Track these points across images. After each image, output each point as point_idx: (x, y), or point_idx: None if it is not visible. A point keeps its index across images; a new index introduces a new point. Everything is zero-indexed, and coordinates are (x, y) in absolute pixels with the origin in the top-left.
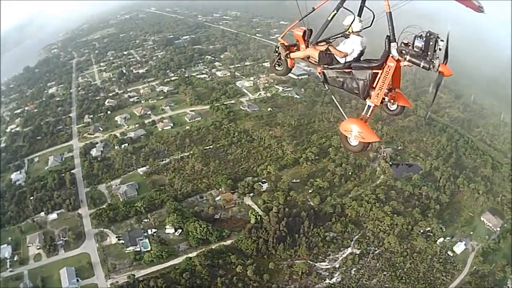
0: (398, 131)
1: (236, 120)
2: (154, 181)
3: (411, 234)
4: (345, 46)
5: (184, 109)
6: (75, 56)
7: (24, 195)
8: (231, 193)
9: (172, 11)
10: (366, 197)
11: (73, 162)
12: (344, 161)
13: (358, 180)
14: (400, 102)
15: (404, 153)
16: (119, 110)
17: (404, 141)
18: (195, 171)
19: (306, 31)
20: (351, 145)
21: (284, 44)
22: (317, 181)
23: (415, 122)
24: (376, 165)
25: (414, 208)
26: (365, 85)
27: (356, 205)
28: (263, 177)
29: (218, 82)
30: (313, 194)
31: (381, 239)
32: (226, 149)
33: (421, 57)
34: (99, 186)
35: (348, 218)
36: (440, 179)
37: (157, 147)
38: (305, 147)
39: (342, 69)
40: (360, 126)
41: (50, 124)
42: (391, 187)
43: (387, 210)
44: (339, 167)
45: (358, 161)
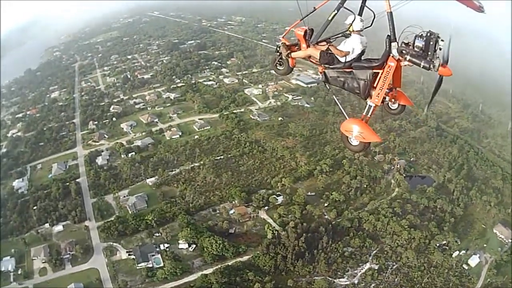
0: (410, 142)
1: (247, 129)
2: (164, 193)
3: (428, 248)
4: (346, 46)
5: (192, 117)
6: (77, 60)
7: (27, 204)
8: (245, 206)
9: (176, 15)
10: (383, 211)
11: (78, 171)
12: (359, 173)
13: (373, 193)
14: (401, 102)
15: (417, 164)
16: (124, 117)
17: (416, 153)
18: (207, 183)
19: (307, 30)
20: (352, 145)
21: (285, 43)
22: (333, 194)
23: (427, 133)
24: (391, 178)
25: (430, 221)
26: (366, 85)
27: (373, 219)
28: (278, 189)
29: (226, 89)
30: (329, 208)
31: (399, 253)
32: (238, 160)
33: (421, 57)
34: (106, 196)
35: (366, 232)
36: (453, 192)
37: (166, 156)
38: (318, 159)
39: (343, 69)
40: (361, 126)
41: (53, 129)
42: (407, 200)
43: (404, 224)
44: (354, 180)
45: (373, 173)
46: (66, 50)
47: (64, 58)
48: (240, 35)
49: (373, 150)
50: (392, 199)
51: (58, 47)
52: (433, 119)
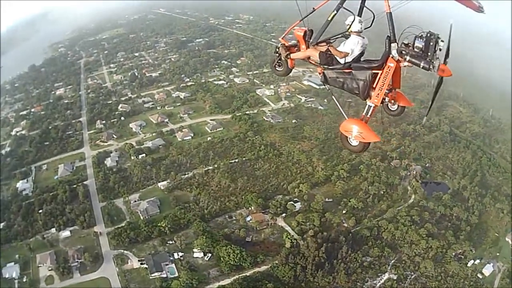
0: (425, 147)
1: (261, 132)
2: (177, 198)
3: (445, 258)
4: (345, 47)
5: (204, 117)
6: (83, 56)
7: (31, 207)
8: (262, 213)
9: (182, 13)
10: (401, 219)
11: (86, 172)
12: (377, 179)
13: (390, 200)
14: (400, 103)
15: (432, 170)
16: (133, 116)
17: (431, 158)
18: (222, 188)
19: (306, 31)
20: (352, 145)
21: (285, 44)
22: (351, 201)
23: (440, 138)
24: (407, 184)
25: (447, 229)
26: (365, 86)
27: (392, 228)
28: (294, 195)
29: (237, 89)
30: (347, 215)
31: (417, 263)
32: (253, 164)
33: (421, 57)
34: (116, 200)
35: (384, 241)
36: (468, 199)
37: (179, 159)
38: (335, 163)
39: (342, 70)
40: (360, 126)
41: (59, 128)
42: (424, 207)
43: (422, 233)
44: (372, 186)
45: (390, 179)
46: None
47: (69, 54)
48: (249, 34)
49: (389, 155)
50: (409, 206)
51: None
52: (446, 124)
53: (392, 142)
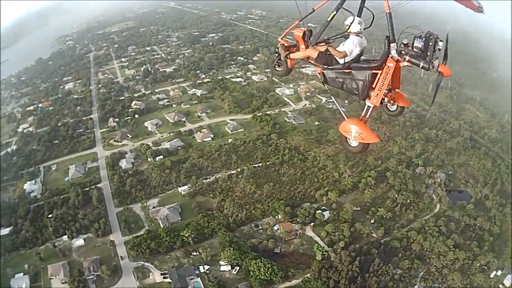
0: (447, 153)
1: (283, 134)
2: (200, 204)
3: (470, 269)
4: (344, 47)
5: (223, 117)
6: (92, 50)
7: (40, 211)
8: (290, 222)
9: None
10: (429, 230)
11: (99, 175)
12: (403, 187)
13: (417, 209)
14: (399, 103)
15: (454, 178)
16: (148, 114)
17: (453, 165)
18: (246, 194)
19: (306, 31)
20: (351, 146)
21: (284, 44)
22: (380, 211)
23: (461, 144)
24: (432, 192)
25: (472, 240)
26: (364, 86)
27: (421, 239)
28: (322, 203)
29: (256, 88)
30: (376, 225)
31: (445, 275)
32: (278, 169)
33: (420, 57)
34: (133, 206)
35: (413, 252)
36: (490, 209)
37: (200, 162)
38: (361, 170)
39: (341, 70)
40: (360, 127)
41: (69, 126)
42: (449, 217)
43: (449, 243)
44: (400, 195)
45: (416, 187)
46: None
47: (78, 47)
48: (263, 30)
49: (414, 162)
50: (435, 215)
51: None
52: (466, 129)
53: (416, 148)
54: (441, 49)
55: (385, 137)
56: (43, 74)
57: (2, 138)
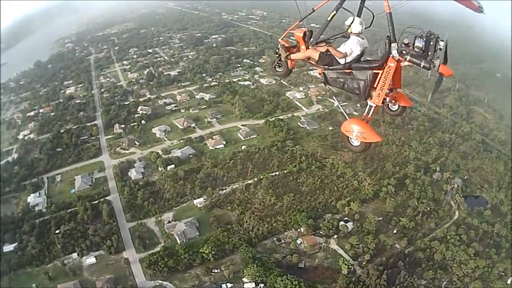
0: (462, 157)
1: (298, 139)
2: (218, 217)
3: (490, 276)
4: (344, 47)
5: (234, 122)
6: (92, 52)
7: (47, 226)
8: (313, 234)
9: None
10: (451, 239)
11: (107, 186)
12: (423, 195)
13: (437, 217)
14: (401, 102)
15: (470, 183)
16: (155, 120)
17: (468, 170)
18: (266, 205)
19: (306, 32)
20: (353, 145)
21: (284, 45)
22: (402, 220)
23: (474, 148)
24: (450, 199)
25: (490, 247)
26: (365, 86)
27: (443, 248)
28: (344, 214)
29: (266, 91)
30: (398, 235)
31: (466, 284)
32: (296, 177)
33: (421, 57)
34: (146, 220)
35: (436, 262)
36: (506, 214)
37: (215, 172)
38: (379, 177)
39: (342, 70)
40: (362, 126)
41: (72, 133)
42: (468, 225)
43: (469, 252)
44: (420, 203)
45: (436, 195)
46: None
47: (77, 50)
48: (266, 30)
49: (431, 168)
50: (455, 223)
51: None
52: (477, 133)
53: (431, 153)
54: (441, 49)
55: (400, 142)
56: (43, 78)
57: (2, 146)
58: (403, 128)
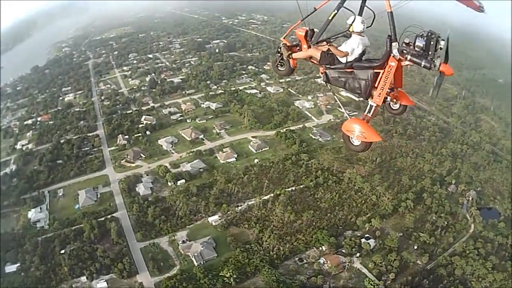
0: (474, 168)
1: (311, 152)
2: (235, 236)
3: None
4: (346, 46)
5: (243, 134)
6: (90, 57)
7: (51, 245)
8: (335, 253)
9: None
10: (470, 253)
11: (114, 202)
12: (441, 209)
13: (454, 231)
14: (402, 102)
15: (483, 194)
16: (160, 131)
17: (480, 181)
18: (284, 223)
19: (308, 31)
20: (354, 145)
21: (286, 44)
22: (423, 236)
23: (484, 158)
24: (465, 211)
25: (505, 259)
26: (367, 85)
27: (463, 264)
28: (365, 230)
29: (275, 100)
30: (419, 251)
31: None
32: (313, 193)
33: (422, 56)
34: (158, 240)
35: (457, 278)
36: None
37: (228, 187)
38: (396, 191)
39: (343, 69)
40: (362, 126)
41: (73, 143)
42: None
43: (488, 266)
44: (439, 217)
45: (453, 208)
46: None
47: (75, 54)
48: (268, 36)
49: (446, 181)
50: (471, 236)
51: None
52: (487, 142)
53: (445, 165)
54: (442, 48)
55: (413, 153)
56: (40, 83)
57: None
58: (415, 139)
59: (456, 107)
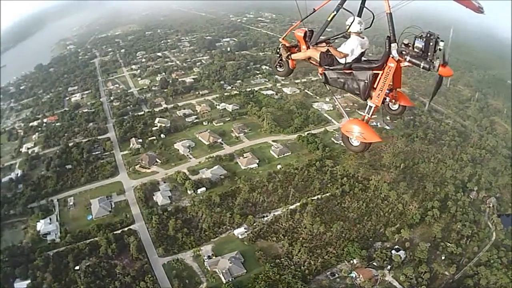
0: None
1: (334, 157)
2: (263, 250)
3: None
4: (345, 47)
5: (263, 137)
6: (97, 55)
7: (63, 260)
8: (367, 266)
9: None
10: (494, 263)
11: (130, 213)
12: (465, 217)
13: (478, 239)
14: (401, 102)
15: (502, 201)
16: (175, 134)
17: (499, 186)
18: (314, 235)
19: (307, 32)
20: (353, 146)
21: (285, 45)
22: (450, 246)
23: (501, 163)
24: (487, 219)
25: None
26: (366, 86)
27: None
28: (394, 241)
29: (293, 103)
30: (446, 261)
31: None
32: (340, 202)
33: (421, 57)
34: (181, 255)
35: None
36: None
37: (253, 196)
38: (422, 199)
39: (343, 70)
40: (362, 127)
41: (83, 147)
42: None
43: (510, 275)
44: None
45: (476, 216)
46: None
47: (80, 52)
48: (279, 34)
49: (468, 187)
50: (494, 245)
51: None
52: (503, 147)
53: (466, 170)
54: (442, 49)
55: (435, 159)
56: (45, 82)
57: (3, 159)
58: (435, 143)
59: (470, 110)
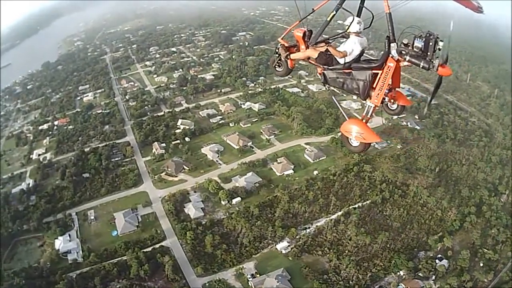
0: None
1: (369, 160)
2: (309, 266)
3: None
4: (344, 47)
5: (295, 140)
6: (107, 51)
7: (89, 283)
8: (414, 278)
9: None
10: None
11: (160, 227)
12: (499, 222)
13: (511, 244)
14: (400, 102)
15: None
16: (201, 136)
17: None
18: (359, 247)
19: (306, 32)
20: (353, 146)
21: (284, 45)
22: (488, 253)
23: None
24: None
25: None
26: (365, 86)
27: None
28: (436, 250)
29: (322, 101)
30: (484, 268)
31: None
32: (381, 209)
33: (420, 57)
34: (222, 273)
35: None
36: None
37: (293, 207)
38: (458, 204)
39: (342, 70)
40: (361, 127)
41: (100, 153)
42: None
43: None
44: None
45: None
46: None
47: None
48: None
49: (500, 191)
50: None
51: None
52: None
53: (496, 173)
54: (441, 49)
55: (466, 161)
56: (53, 81)
57: (13, 167)
58: (464, 143)
59: (492, 107)
